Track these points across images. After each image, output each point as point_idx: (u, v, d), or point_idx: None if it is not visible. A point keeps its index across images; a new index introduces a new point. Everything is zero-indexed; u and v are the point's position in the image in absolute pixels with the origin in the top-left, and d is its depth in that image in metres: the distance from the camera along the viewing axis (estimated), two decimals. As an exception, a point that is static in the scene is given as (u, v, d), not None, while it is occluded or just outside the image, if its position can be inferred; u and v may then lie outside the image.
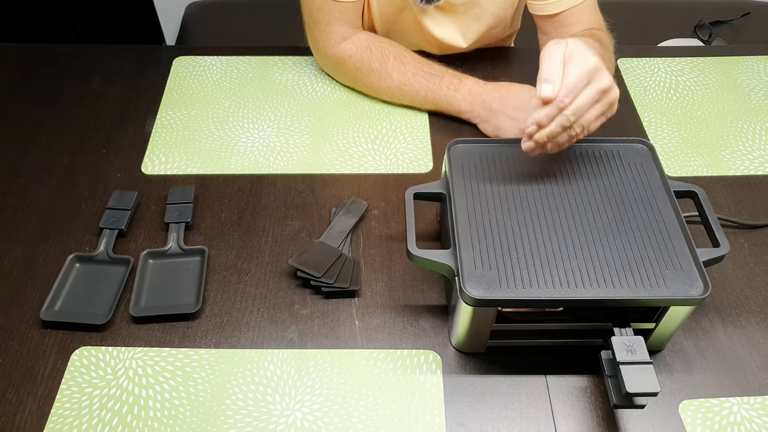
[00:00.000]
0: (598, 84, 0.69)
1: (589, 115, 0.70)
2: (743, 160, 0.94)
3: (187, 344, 0.73)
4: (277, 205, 0.88)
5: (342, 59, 1.00)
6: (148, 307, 0.75)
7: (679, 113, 1.01)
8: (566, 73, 0.68)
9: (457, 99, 0.95)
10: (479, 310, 0.65)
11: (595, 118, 0.71)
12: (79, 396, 0.69)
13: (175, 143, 0.96)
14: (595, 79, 0.69)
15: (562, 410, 0.68)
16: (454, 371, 0.71)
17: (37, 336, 0.74)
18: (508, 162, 0.75)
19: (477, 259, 0.66)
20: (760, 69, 1.09)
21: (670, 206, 0.71)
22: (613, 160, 0.76)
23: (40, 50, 1.13)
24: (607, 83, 0.69)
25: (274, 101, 1.03)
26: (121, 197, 0.86)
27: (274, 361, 0.72)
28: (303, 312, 0.76)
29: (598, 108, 0.70)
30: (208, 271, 0.80)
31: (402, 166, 0.93)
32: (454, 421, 0.67)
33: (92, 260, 0.80)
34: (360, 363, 0.72)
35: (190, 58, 1.10)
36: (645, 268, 0.65)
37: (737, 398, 0.69)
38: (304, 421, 0.67)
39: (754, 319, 0.76)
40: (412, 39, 1.07)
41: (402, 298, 0.78)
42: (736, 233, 0.84)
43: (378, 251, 0.82)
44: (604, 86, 0.69)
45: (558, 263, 0.65)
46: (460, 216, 0.70)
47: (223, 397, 0.69)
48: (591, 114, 0.70)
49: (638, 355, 0.62)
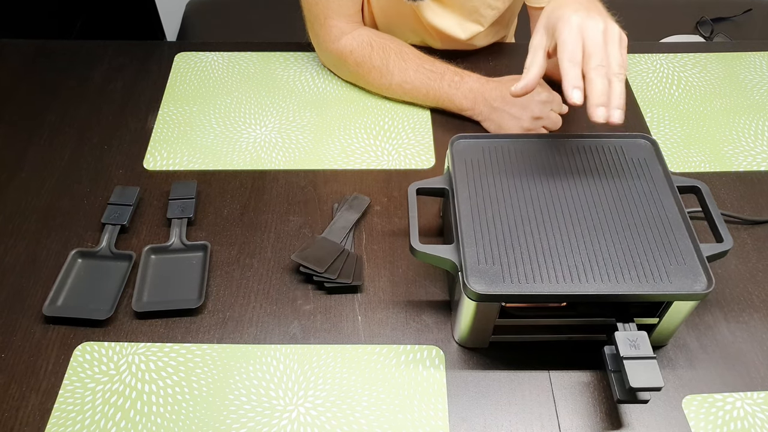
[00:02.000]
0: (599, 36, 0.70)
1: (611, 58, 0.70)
2: (746, 156, 0.94)
3: (190, 339, 0.73)
4: (279, 200, 0.88)
5: (343, 55, 1.00)
6: (151, 303, 0.75)
7: (681, 109, 1.01)
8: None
9: (459, 97, 0.95)
10: (482, 305, 0.65)
11: (617, 56, 0.71)
12: (82, 391, 0.69)
13: (177, 139, 0.96)
14: (590, 34, 0.70)
15: (566, 405, 0.68)
16: (457, 366, 0.71)
17: (40, 331, 0.74)
18: (511, 157, 0.75)
19: (480, 254, 0.66)
20: (762, 65, 1.08)
21: (673, 201, 0.71)
22: (616, 156, 0.76)
23: (42, 46, 1.13)
24: (600, 28, 0.70)
25: (276, 97, 1.03)
26: (123, 193, 0.86)
27: (277, 356, 0.72)
28: (306, 307, 0.76)
29: (611, 48, 0.71)
30: (210, 266, 0.79)
31: (404, 162, 0.93)
32: (457, 416, 0.67)
33: (94, 256, 0.80)
34: (363, 358, 0.72)
35: (191, 54, 1.10)
36: (648, 262, 0.65)
37: (740, 393, 0.69)
38: (307, 417, 0.67)
39: (757, 314, 0.76)
40: (413, 31, 1.07)
41: (405, 293, 0.77)
42: (739, 229, 0.84)
43: (380, 247, 0.82)
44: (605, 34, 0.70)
45: (561, 258, 0.65)
46: (463, 211, 0.70)
47: (226, 392, 0.69)
48: (612, 55, 0.70)
49: (642, 350, 0.62)
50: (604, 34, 0.70)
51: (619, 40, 0.71)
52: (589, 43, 0.70)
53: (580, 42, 0.70)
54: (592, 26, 0.70)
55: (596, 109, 0.68)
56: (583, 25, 0.70)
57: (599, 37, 0.70)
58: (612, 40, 0.71)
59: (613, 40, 0.71)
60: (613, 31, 0.71)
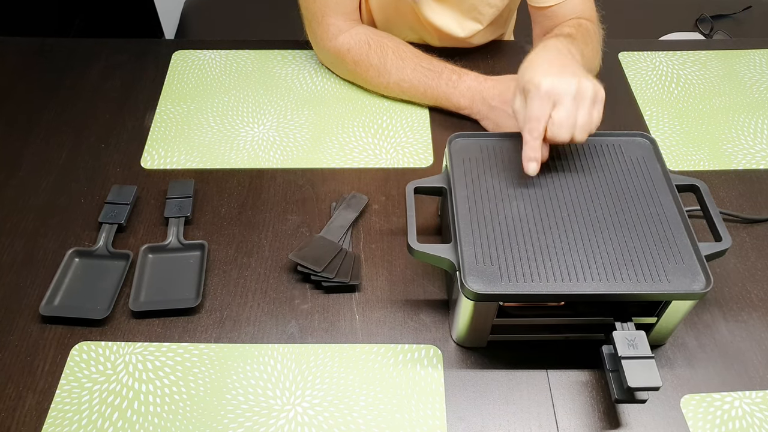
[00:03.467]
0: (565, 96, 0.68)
1: (579, 120, 0.69)
2: (745, 154, 0.93)
3: (187, 339, 0.73)
4: (277, 199, 0.87)
5: (340, 53, 0.99)
6: (148, 302, 0.75)
7: (680, 107, 1.01)
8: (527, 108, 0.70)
9: (456, 96, 0.95)
10: (480, 304, 0.65)
11: (587, 119, 0.70)
12: (78, 391, 0.69)
13: (174, 137, 0.96)
14: (560, 98, 0.68)
15: (564, 405, 0.68)
16: (454, 366, 0.71)
17: (37, 331, 0.74)
18: (509, 156, 0.75)
19: (478, 254, 0.66)
20: (761, 62, 1.08)
21: (671, 200, 0.70)
22: (614, 154, 0.75)
23: (40, 44, 1.13)
24: (572, 90, 0.68)
25: (274, 95, 1.02)
26: (120, 192, 0.86)
27: (275, 355, 0.72)
28: (303, 307, 0.76)
29: (581, 111, 0.69)
30: (208, 265, 0.79)
31: (402, 161, 0.92)
32: (454, 415, 0.67)
33: (92, 255, 0.80)
34: (360, 357, 0.72)
35: (189, 52, 1.10)
36: (647, 262, 0.65)
37: (739, 393, 0.69)
38: (304, 416, 0.67)
39: (755, 313, 0.76)
40: (411, 29, 1.07)
41: (402, 292, 0.77)
42: (738, 228, 0.84)
43: (378, 246, 0.82)
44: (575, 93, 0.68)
45: (560, 257, 0.65)
46: (461, 210, 0.69)
47: (224, 391, 0.69)
48: (581, 119, 0.69)
49: (640, 350, 0.62)
50: (575, 98, 0.68)
51: (592, 100, 0.69)
52: (556, 115, 0.68)
53: (547, 111, 0.68)
54: (562, 90, 0.68)
55: (528, 164, 0.69)
56: (553, 90, 0.68)
57: (569, 102, 0.68)
58: (583, 103, 0.68)
59: (583, 104, 0.68)
60: (585, 90, 0.68)
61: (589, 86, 0.69)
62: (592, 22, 0.97)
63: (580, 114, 0.69)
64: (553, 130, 0.69)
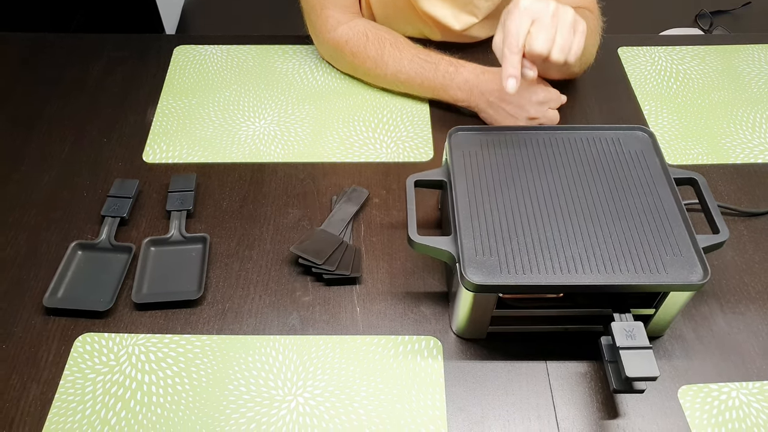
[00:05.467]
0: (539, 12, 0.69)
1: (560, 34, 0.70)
2: (743, 148, 0.94)
3: (190, 331, 0.74)
4: (278, 193, 0.88)
5: (339, 45, 1.00)
6: (151, 294, 0.76)
7: (679, 101, 1.01)
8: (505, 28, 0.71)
9: (453, 88, 0.95)
10: (480, 296, 0.65)
11: (566, 40, 0.70)
12: (82, 382, 0.70)
13: (176, 132, 0.96)
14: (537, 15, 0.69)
15: (562, 395, 0.69)
16: (454, 357, 0.72)
17: (41, 323, 0.74)
18: (509, 149, 0.76)
19: (478, 246, 0.66)
20: (760, 57, 1.09)
21: (670, 193, 0.71)
22: (613, 148, 0.76)
23: (41, 39, 1.13)
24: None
25: (275, 90, 1.03)
26: (122, 185, 0.86)
27: (276, 347, 0.72)
28: (304, 299, 0.77)
29: (561, 32, 0.70)
30: (209, 258, 0.80)
31: (403, 155, 0.93)
32: (454, 406, 0.68)
33: (94, 248, 0.80)
34: (361, 349, 0.72)
35: (190, 47, 1.10)
36: (645, 253, 0.65)
37: (736, 383, 0.70)
38: (306, 407, 0.68)
39: (752, 305, 0.76)
40: (410, 22, 1.07)
41: (403, 284, 0.78)
42: (736, 221, 0.85)
43: (379, 239, 0.82)
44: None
45: (559, 249, 0.66)
46: (461, 203, 0.70)
47: (226, 383, 0.70)
48: (560, 39, 0.70)
49: (638, 341, 0.62)
50: (553, 17, 0.69)
51: (571, 24, 0.69)
52: (534, 29, 0.69)
53: (525, 27, 0.69)
54: (541, 8, 0.69)
55: (507, 80, 0.69)
56: (531, 7, 0.69)
57: (548, 19, 0.68)
58: (562, 24, 0.68)
59: (563, 25, 0.68)
60: (565, 13, 0.69)
61: (569, 12, 0.70)
62: (593, 12, 0.97)
63: (559, 34, 0.69)
64: (530, 42, 0.70)
